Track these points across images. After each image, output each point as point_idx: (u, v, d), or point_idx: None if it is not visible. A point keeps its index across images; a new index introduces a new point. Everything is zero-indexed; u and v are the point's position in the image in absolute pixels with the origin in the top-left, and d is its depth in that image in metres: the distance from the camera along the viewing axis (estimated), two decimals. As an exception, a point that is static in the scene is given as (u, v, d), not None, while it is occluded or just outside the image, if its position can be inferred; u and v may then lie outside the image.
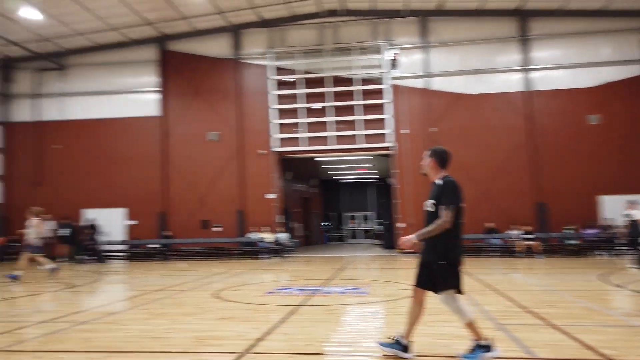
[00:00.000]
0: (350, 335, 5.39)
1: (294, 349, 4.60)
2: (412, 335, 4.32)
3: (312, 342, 4.83)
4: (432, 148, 4.51)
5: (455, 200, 4.15)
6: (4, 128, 20.86)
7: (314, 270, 13.25)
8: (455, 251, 4.20)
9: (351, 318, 6.49)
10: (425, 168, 4.49)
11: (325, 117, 19.21)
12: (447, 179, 4.28)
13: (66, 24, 18.17)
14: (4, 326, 6.12)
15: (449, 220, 4.07)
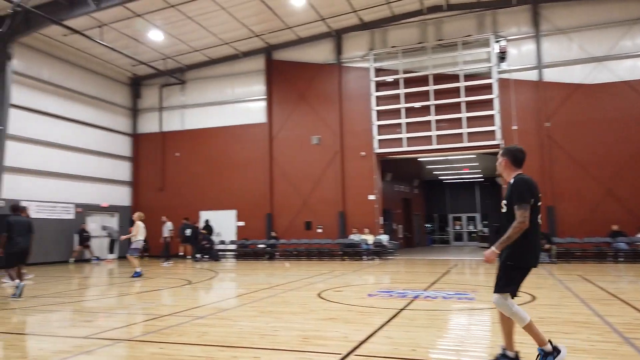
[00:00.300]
0: (456, 342, 5.19)
1: (398, 353, 4.54)
2: (514, 345, 4.06)
3: (416, 348, 4.74)
4: (506, 147, 4.25)
5: (525, 197, 3.86)
6: (132, 139, 23.34)
7: (416, 274, 12.98)
8: (525, 253, 3.89)
9: (457, 324, 6.25)
10: (499, 168, 4.26)
11: (429, 116, 18.74)
12: (518, 177, 4.02)
13: (185, 42, 19.91)
14: (134, 318, 6.83)
15: (524, 219, 3.80)
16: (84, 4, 15.49)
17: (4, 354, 4.95)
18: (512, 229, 3.83)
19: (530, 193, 3.90)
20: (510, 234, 3.83)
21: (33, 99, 18.22)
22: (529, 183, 3.95)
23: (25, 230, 9.21)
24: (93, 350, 4.84)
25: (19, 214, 9.52)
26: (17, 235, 9.01)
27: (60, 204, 19.08)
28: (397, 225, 26.19)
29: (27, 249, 9.24)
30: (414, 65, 19.27)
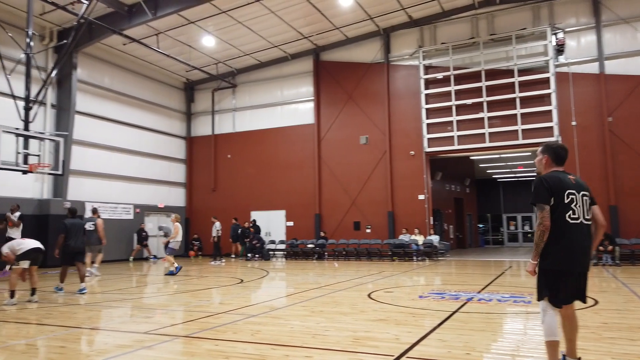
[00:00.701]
0: (512, 346, 5.02)
1: (452, 356, 4.45)
2: (577, 351, 3.88)
3: (470, 351, 4.63)
4: (546, 144, 4.05)
5: (541, 197, 3.67)
6: (187, 142, 24.17)
7: (469, 275, 12.66)
8: (556, 255, 3.65)
9: (513, 328, 6.05)
10: (539, 166, 4.05)
11: (481, 113, 18.22)
12: (539, 176, 3.82)
13: (236, 46, 20.43)
14: (190, 315, 7.08)
15: (542, 220, 3.61)
16: (142, 13, 16.21)
17: (72, 347, 5.27)
18: (535, 234, 3.69)
19: (550, 191, 3.70)
20: (535, 240, 3.69)
21: (95, 105, 19.26)
22: (548, 181, 3.75)
23: (79, 231, 9.77)
24: (153, 345, 5.06)
25: (74, 216, 10.10)
26: (72, 236, 9.57)
27: (121, 205, 20.05)
28: (448, 225, 25.64)
29: (81, 249, 9.81)
30: (465, 62, 18.80)
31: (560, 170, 3.91)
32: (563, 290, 3.69)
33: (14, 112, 12.05)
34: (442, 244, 19.16)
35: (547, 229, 3.62)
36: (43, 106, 16.82)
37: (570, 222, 3.67)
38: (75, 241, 9.62)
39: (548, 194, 3.71)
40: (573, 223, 3.67)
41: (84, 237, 9.93)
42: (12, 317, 6.98)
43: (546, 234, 3.64)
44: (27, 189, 16.47)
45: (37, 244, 8.22)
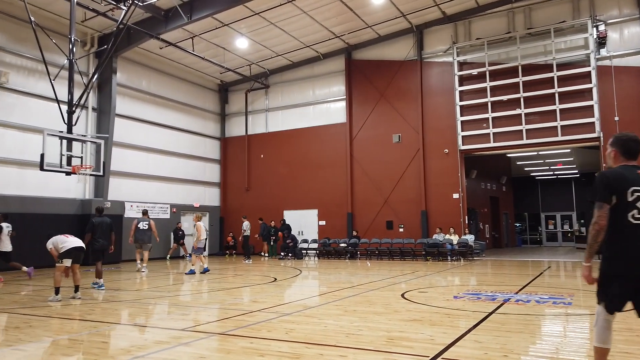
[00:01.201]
0: (552, 349, 4.89)
1: (489, 358, 4.37)
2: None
3: (508, 353, 4.53)
4: (616, 135, 3.64)
5: (599, 194, 3.31)
6: (221, 143, 24.59)
7: (505, 276, 12.38)
8: (614, 258, 3.33)
9: (552, 330, 5.89)
10: (608, 160, 3.65)
11: (518, 109, 17.76)
12: (604, 171, 3.48)
13: (269, 47, 20.65)
14: (226, 313, 7.20)
15: (598, 219, 3.28)
16: (178, 17, 16.60)
17: (113, 343, 5.46)
18: (588, 234, 3.39)
19: (610, 188, 3.33)
20: (588, 241, 3.38)
21: (134, 108, 19.84)
22: (609, 177, 3.39)
23: (106, 230, 10.27)
24: (190, 342, 5.18)
25: (101, 215, 10.56)
26: (99, 235, 10.10)
27: (158, 205, 20.59)
28: (483, 224, 25.13)
29: (106, 247, 10.28)
30: (500, 57, 18.38)
31: (630, 165, 3.51)
32: (617, 296, 3.38)
33: (58, 116, 12.56)
34: (477, 243, 18.80)
35: (602, 228, 3.31)
36: (85, 110, 17.47)
37: (633, 222, 3.31)
38: (103, 238, 10.14)
39: (608, 191, 3.36)
40: (637, 223, 3.31)
41: (111, 235, 10.38)
42: (57, 313, 7.29)
43: (601, 235, 3.33)
44: (70, 189, 17.13)
45: (79, 243, 8.53)
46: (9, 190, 15.39)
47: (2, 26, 15.45)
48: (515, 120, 17.84)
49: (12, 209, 15.24)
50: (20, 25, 15.60)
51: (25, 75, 16.07)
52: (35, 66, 16.22)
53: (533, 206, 31.73)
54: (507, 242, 28.43)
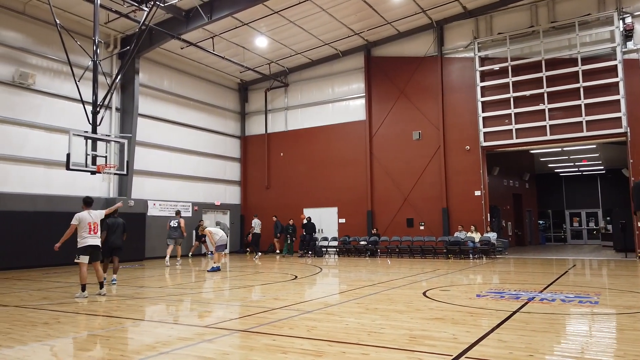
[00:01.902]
0: (578, 349, 4.79)
1: (514, 358, 4.31)
2: None
3: (533, 353, 4.47)
4: None
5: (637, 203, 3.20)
6: (241, 141, 24.77)
7: (529, 274, 12.18)
8: None
9: (578, 330, 5.78)
10: None
11: (542, 104, 17.44)
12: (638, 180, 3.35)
13: (288, 45, 20.70)
14: (248, 310, 7.27)
15: None
16: (198, 17, 16.78)
17: (139, 338, 5.56)
18: None
19: None
20: None
21: (155, 107, 20.13)
22: None
23: (118, 229, 10.74)
24: (213, 339, 5.25)
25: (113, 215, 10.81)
26: (112, 233, 10.55)
27: (180, 203, 20.86)
28: (506, 222, 24.78)
29: (118, 246, 10.70)
30: (523, 52, 18.07)
31: None
32: None
33: (82, 116, 12.82)
34: (500, 241, 18.55)
35: None
36: (109, 110, 17.82)
37: None
38: (115, 237, 10.55)
39: None
40: None
41: (122, 234, 10.85)
42: (84, 309, 7.46)
43: None
44: (95, 188, 17.49)
45: (95, 241, 8.64)
46: (36, 190, 15.79)
47: (29, 29, 15.84)
48: (539, 116, 17.52)
49: (40, 207, 15.67)
50: (46, 27, 15.98)
51: (51, 77, 16.45)
52: (61, 68, 16.59)
53: (557, 203, 31.14)
54: (531, 239, 27.98)
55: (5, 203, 14.78)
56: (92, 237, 8.61)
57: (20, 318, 6.64)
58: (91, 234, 8.62)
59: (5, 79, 15.16)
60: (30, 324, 6.18)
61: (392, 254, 19.06)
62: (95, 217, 8.74)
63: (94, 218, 8.72)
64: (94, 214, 8.77)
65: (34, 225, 15.31)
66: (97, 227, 8.72)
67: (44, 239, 15.48)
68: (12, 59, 15.39)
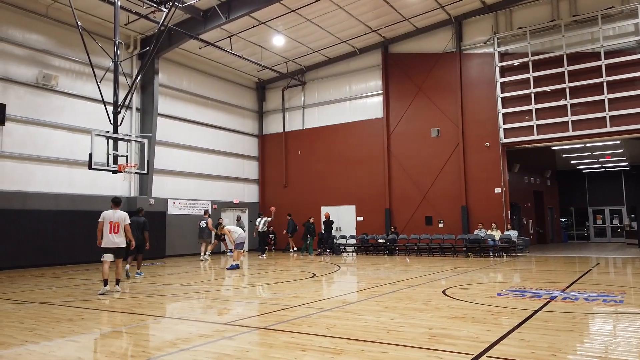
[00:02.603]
0: (601, 348, 4.70)
1: (536, 357, 4.25)
2: None
3: (556, 352, 4.39)
4: None
5: None
6: (259, 140, 24.90)
7: (551, 272, 11.98)
8: None
9: (602, 329, 5.67)
10: None
11: (563, 100, 17.11)
12: None
13: (305, 44, 20.73)
14: (267, 307, 7.31)
15: None
16: (216, 17, 16.90)
17: (160, 335, 5.64)
18: None
19: None
20: None
21: (175, 107, 20.36)
22: None
23: (139, 228, 11.67)
24: (233, 336, 5.29)
25: (138, 215, 12.13)
26: (136, 232, 11.10)
27: (200, 201, 21.07)
28: (527, 220, 24.41)
29: (140, 244, 11.55)
30: (544, 46, 17.75)
31: None
32: None
33: (104, 117, 13.05)
34: (521, 239, 18.29)
35: None
36: (129, 110, 18.07)
37: None
38: (137, 236, 11.12)
39: None
40: None
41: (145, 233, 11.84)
42: (107, 306, 7.60)
43: None
44: (116, 187, 17.78)
45: (113, 241, 8.91)
46: (60, 189, 16.13)
47: (51, 31, 16.17)
48: (561, 112, 17.20)
49: (63, 206, 16.00)
50: (68, 30, 16.29)
51: (73, 78, 16.77)
52: (83, 69, 16.89)
53: (580, 200, 30.55)
54: (552, 237, 27.52)
55: (30, 202, 15.13)
56: (112, 236, 8.86)
57: (46, 314, 6.79)
58: (111, 233, 8.85)
59: (30, 81, 15.50)
60: (55, 321, 6.32)
61: (410, 252, 18.95)
62: (118, 217, 8.97)
63: (117, 218, 8.94)
64: (118, 215, 8.99)
65: (58, 224, 15.66)
66: (118, 226, 8.93)
67: (68, 237, 15.87)
68: (35, 61, 15.73)
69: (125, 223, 9.00)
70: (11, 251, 14.36)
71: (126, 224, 9.03)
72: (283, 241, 22.60)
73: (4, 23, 14.99)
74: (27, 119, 15.35)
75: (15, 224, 14.47)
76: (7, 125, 14.71)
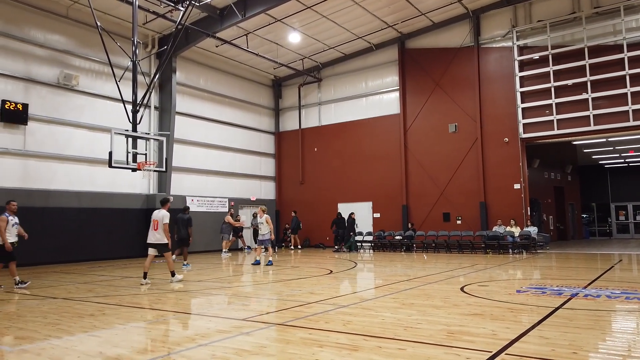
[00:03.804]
0: (625, 346, 4.61)
1: (556, 355, 4.19)
2: None
3: (577, 350, 4.32)
4: None
5: None
6: (275, 137, 24.98)
7: (572, 269, 11.78)
8: None
9: (625, 327, 5.55)
10: None
11: (585, 93, 16.77)
12: None
13: (321, 40, 20.70)
14: (284, 304, 7.34)
15: None
16: (233, 15, 16.98)
17: (179, 330, 5.71)
18: None
19: None
20: None
21: (192, 105, 20.54)
22: None
23: (184, 224, 13.31)
24: (251, 332, 5.33)
25: (184, 212, 13.79)
26: (180, 227, 13.24)
27: (217, 199, 21.25)
28: (547, 216, 24.03)
29: (182, 237, 13.32)
30: (565, 39, 17.41)
31: None
32: None
33: (123, 115, 13.24)
34: (541, 235, 18.02)
35: None
36: (148, 108, 18.29)
37: None
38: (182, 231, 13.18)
39: None
40: None
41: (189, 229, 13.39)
42: (127, 302, 7.72)
43: None
44: (136, 185, 18.04)
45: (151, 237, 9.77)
46: (81, 187, 16.42)
47: (71, 32, 16.44)
48: (582, 106, 16.87)
49: (85, 204, 16.30)
50: (88, 30, 16.54)
51: (93, 78, 17.04)
52: (102, 69, 17.15)
53: (602, 196, 29.94)
54: (573, 234, 27.05)
55: (53, 200, 15.45)
56: (151, 232, 9.79)
57: (68, 310, 6.94)
58: (151, 230, 9.80)
59: (51, 81, 15.80)
60: (77, 316, 6.45)
61: (428, 249, 18.83)
62: (157, 215, 9.82)
63: (156, 216, 9.82)
64: (161, 214, 9.83)
65: (80, 221, 15.96)
66: (157, 224, 9.75)
67: (89, 234, 16.17)
68: (57, 61, 16.02)
69: (163, 222, 9.66)
70: (34, 248, 14.67)
71: (164, 223, 9.68)
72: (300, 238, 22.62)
73: (26, 24, 15.30)
74: (49, 119, 15.66)
75: (38, 221, 14.79)
76: (29, 124, 15.03)
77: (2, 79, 14.64)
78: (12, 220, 9.36)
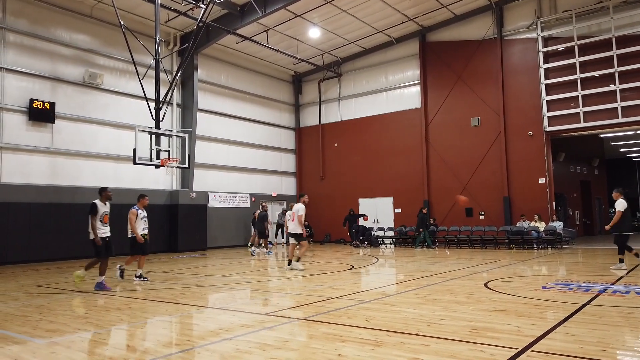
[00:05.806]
0: (658, 346, 4.49)
1: (584, 353, 4.10)
2: None
3: (606, 347, 4.23)
4: None
5: None
6: (296, 133, 25.03)
7: (599, 265, 11.53)
8: None
9: (657, 326, 5.40)
10: None
11: (612, 85, 16.33)
12: None
13: (340, 35, 20.62)
14: (306, 299, 7.37)
15: None
16: (253, 11, 17.05)
17: (203, 325, 5.79)
18: None
19: None
20: None
21: (214, 102, 20.73)
22: None
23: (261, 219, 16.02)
24: (274, 326, 5.37)
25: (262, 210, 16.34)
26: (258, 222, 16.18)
27: (239, 194, 21.44)
28: (573, 211, 23.53)
29: (261, 231, 16.20)
30: (591, 30, 16.96)
31: None
32: None
33: (146, 113, 13.45)
34: (566, 231, 17.66)
35: None
36: (170, 106, 18.53)
37: None
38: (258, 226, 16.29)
39: None
40: None
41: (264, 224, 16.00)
42: (152, 296, 7.86)
43: None
44: (159, 181, 18.32)
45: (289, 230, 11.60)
46: (107, 183, 16.70)
47: (96, 31, 16.74)
48: (609, 98, 16.43)
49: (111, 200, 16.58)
50: (111, 29, 16.82)
51: (117, 76, 17.33)
52: (126, 67, 17.42)
53: (630, 190, 29.14)
54: (600, 229, 26.41)
55: (79, 196, 15.79)
56: (289, 223, 11.55)
57: (96, 304, 7.11)
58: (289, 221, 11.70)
59: (77, 80, 16.14)
60: (105, 310, 6.60)
61: (450, 244, 18.65)
62: (294, 208, 11.42)
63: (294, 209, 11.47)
64: (296, 206, 11.36)
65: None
66: (294, 215, 11.27)
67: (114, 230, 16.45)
68: (82, 60, 16.34)
69: (298, 213, 11.08)
70: (63, 243, 15.06)
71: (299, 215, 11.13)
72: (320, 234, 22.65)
73: (52, 24, 15.64)
74: (75, 117, 16.00)
75: (65, 217, 15.15)
76: (57, 123, 15.39)
77: (29, 78, 15.02)
78: (141, 214, 9.78)
